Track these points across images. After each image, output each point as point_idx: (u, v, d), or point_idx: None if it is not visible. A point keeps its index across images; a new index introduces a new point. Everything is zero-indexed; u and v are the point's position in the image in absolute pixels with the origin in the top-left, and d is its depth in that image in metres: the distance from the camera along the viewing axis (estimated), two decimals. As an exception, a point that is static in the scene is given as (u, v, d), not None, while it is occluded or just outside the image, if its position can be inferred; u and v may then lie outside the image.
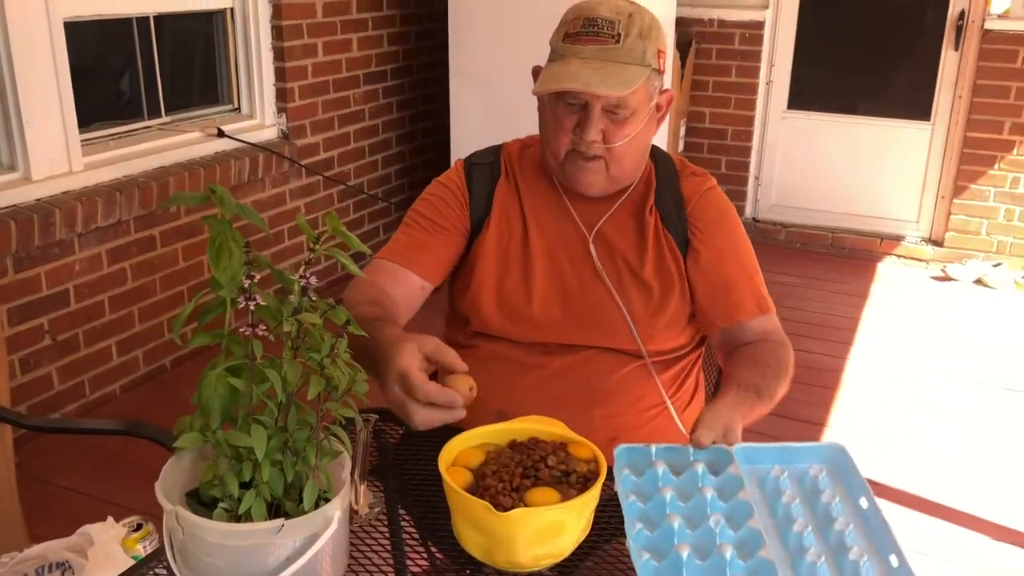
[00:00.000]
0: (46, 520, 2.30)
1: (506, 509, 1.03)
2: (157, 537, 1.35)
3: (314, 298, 0.99)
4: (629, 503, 1.10)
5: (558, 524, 1.05)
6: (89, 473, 2.67)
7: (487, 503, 1.03)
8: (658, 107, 1.48)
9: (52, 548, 1.43)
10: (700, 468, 1.15)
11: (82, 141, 2.95)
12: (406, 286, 1.50)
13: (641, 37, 1.38)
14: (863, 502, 1.13)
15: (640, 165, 1.52)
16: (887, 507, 2.53)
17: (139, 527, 1.39)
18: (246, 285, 0.93)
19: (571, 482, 1.11)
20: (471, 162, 1.60)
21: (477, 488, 1.09)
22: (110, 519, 1.38)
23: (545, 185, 1.55)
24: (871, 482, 1.14)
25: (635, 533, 1.06)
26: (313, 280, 0.98)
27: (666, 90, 1.48)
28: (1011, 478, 2.79)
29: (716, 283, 1.50)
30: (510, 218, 1.54)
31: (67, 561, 1.33)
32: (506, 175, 1.57)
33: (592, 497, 1.08)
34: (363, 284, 1.46)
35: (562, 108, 1.42)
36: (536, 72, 1.46)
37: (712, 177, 1.58)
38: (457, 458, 1.16)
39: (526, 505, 1.06)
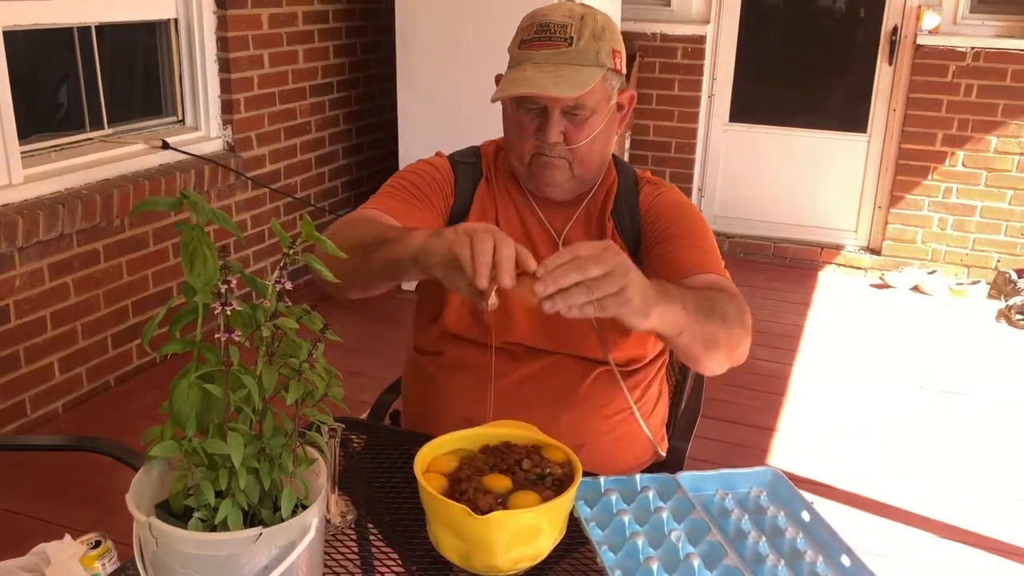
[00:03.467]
0: (-11, 543, 2.23)
1: (484, 513, 1.03)
2: (116, 554, 1.32)
3: (288, 303, 0.99)
4: (591, 528, 1.13)
5: (535, 527, 1.06)
6: (35, 494, 2.58)
7: (466, 507, 1.03)
8: (619, 106, 1.50)
9: (6, 568, 1.38)
10: (651, 493, 1.19)
11: (22, 153, 2.87)
12: None
13: (594, 38, 1.41)
14: (805, 515, 1.18)
15: (604, 164, 1.54)
16: (836, 508, 2.62)
17: (97, 544, 1.35)
18: (222, 290, 0.92)
19: (546, 484, 1.11)
20: (454, 159, 1.60)
21: (453, 493, 1.09)
22: (67, 537, 1.34)
23: (515, 190, 1.56)
24: (820, 484, 1.19)
25: (603, 553, 1.09)
26: (288, 284, 0.97)
27: (627, 89, 1.51)
28: (953, 478, 2.88)
29: (670, 250, 1.45)
30: (485, 215, 1.54)
31: (22, 581, 1.28)
32: (486, 178, 1.57)
33: (569, 499, 1.09)
34: (362, 221, 1.41)
35: (523, 113, 1.45)
36: (498, 79, 1.48)
37: (670, 185, 1.59)
38: (430, 465, 1.16)
39: (505, 508, 1.06)
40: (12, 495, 2.57)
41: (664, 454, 1.63)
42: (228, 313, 0.93)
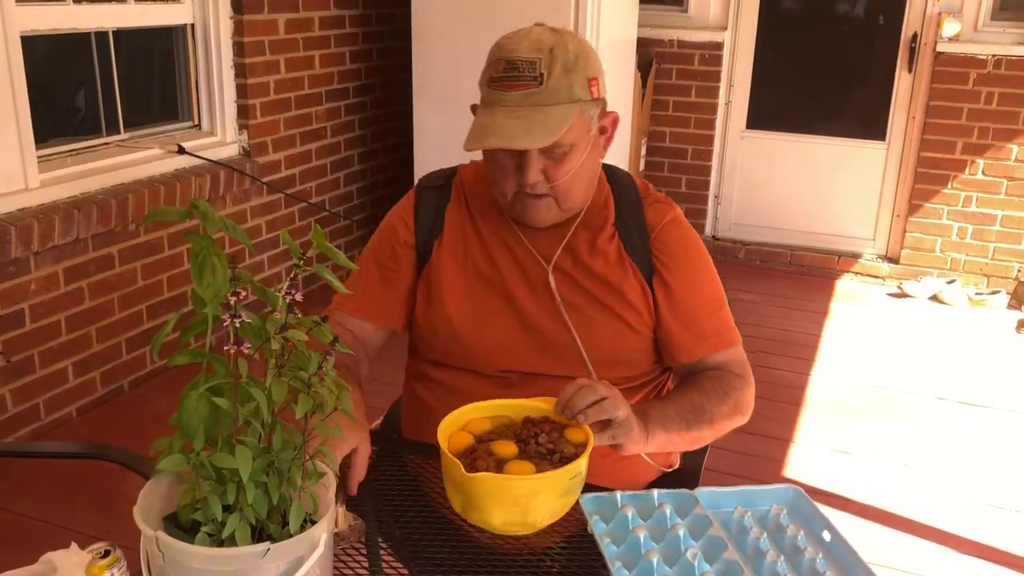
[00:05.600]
0: (3, 549, 2.23)
1: (474, 472, 1.10)
2: (126, 564, 1.31)
3: (299, 315, 0.97)
4: (605, 544, 1.12)
5: (526, 496, 1.11)
6: (47, 499, 2.58)
7: (460, 463, 1.10)
8: (602, 130, 1.44)
9: (14, 577, 1.38)
10: (668, 509, 1.17)
11: (39, 157, 2.88)
12: (370, 338, 1.53)
13: (566, 72, 1.33)
14: (826, 535, 1.16)
15: (590, 191, 1.49)
16: (851, 520, 2.58)
17: (107, 554, 1.33)
18: (231, 302, 0.91)
19: (554, 460, 1.15)
20: (422, 185, 1.58)
21: (470, 451, 1.17)
22: (74, 545, 1.32)
23: (498, 217, 1.51)
24: (835, 496, 1.18)
25: (616, 570, 1.08)
26: (299, 296, 0.96)
27: (610, 112, 1.44)
28: (972, 491, 2.84)
29: (680, 316, 1.47)
30: (466, 243, 1.51)
31: (30, 591, 1.27)
32: (457, 199, 1.54)
33: (562, 476, 1.12)
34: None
35: (500, 151, 1.39)
36: (474, 110, 1.43)
37: (676, 205, 1.54)
38: (468, 424, 1.24)
39: (498, 472, 1.12)
40: (24, 500, 2.58)
41: (677, 464, 1.61)
42: (237, 325, 0.92)
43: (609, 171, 1.55)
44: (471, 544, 1.19)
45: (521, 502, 1.11)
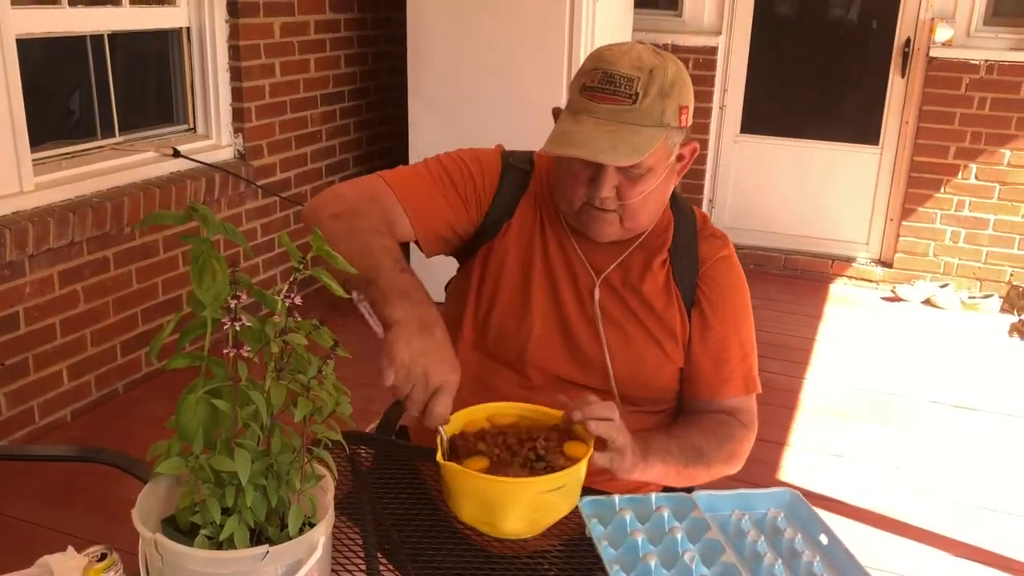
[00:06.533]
0: (-3, 551, 2.22)
1: (447, 459, 1.14)
2: (122, 567, 1.31)
3: (298, 318, 0.98)
4: (603, 547, 1.12)
5: (492, 497, 1.13)
6: (41, 502, 2.58)
7: (438, 450, 1.16)
8: (679, 158, 1.43)
9: (10, 581, 1.37)
10: (666, 513, 1.18)
11: (34, 160, 2.87)
12: (400, 232, 1.44)
13: (661, 96, 1.31)
14: (823, 539, 1.17)
15: (656, 216, 1.48)
16: (845, 524, 2.59)
17: (103, 557, 1.33)
18: (232, 305, 0.91)
19: (536, 468, 1.16)
20: (508, 161, 1.53)
21: (461, 439, 1.22)
22: (70, 548, 1.32)
23: (558, 222, 1.50)
24: (829, 499, 1.18)
25: (614, 574, 1.08)
26: (298, 300, 0.96)
27: (690, 142, 1.43)
28: (965, 494, 2.85)
29: (711, 353, 1.47)
30: (531, 235, 1.49)
31: (26, 594, 1.27)
32: (531, 193, 1.52)
33: (531, 487, 1.12)
34: (373, 205, 1.41)
35: (576, 162, 1.37)
36: (556, 113, 1.41)
37: (730, 243, 1.54)
38: (491, 416, 1.28)
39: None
40: (19, 502, 2.57)
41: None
42: (237, 328, 0.92)
43: (674, 199, 1.54)
44: (468, 548, 1.19)
45: (487, 501, 1.13)
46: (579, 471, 1.16)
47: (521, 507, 1.13)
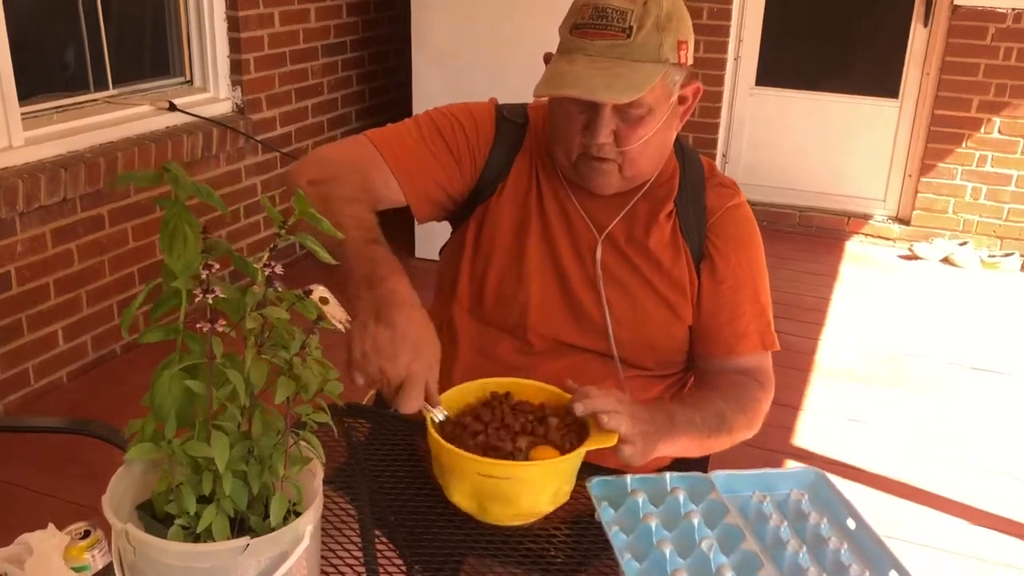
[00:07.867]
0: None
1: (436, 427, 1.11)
2: (107, 545, 1.24)
3: (279, 288, 0.88)
4: (614, 533, 1.04)
5: (443, 462, 1.09)
6: (36, 468, 2.52)
7: (426, 415, 1.12)
8: (682, 99, 1.33)
9: (-9, 559, 1.31)
10: (681, 496, 1.09)
11: (23, 114, 2.77)
12: (389, 197, 1.36)
13: (657, 29, 1.22)
14: (850, 523, 1.08)
15: (659, 163, 1.38)
16: (862, 491, 2.52)
17: (87, 534, 1.27)
18: (203, 276, 0.82)
19: (512, 451, 1.11)
20: (502, 114, 1.44)
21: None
22: (51, 526, 1.25)
23: (555, 176, 1.41)
24: (845, 465, 1.10)
25: (626, 563, 1.00)
26: (279, 269, 0.87)
27: (693, 82, 1.33)
28: (985, 459, 2.77)
29: (724, 307, 1.38)
30: (527, 194, 1.41)
31: (4, 574, 1.21)
32: (527, 148, 1.43)
33: (473, 465, 1.06)
34: (353, 171, 1.32)
35: (571, 104, 1.28)
36: (547, 59, 1.32)
37: (741, 192, 1.44)
38: (510, 386, 1.23)
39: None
40: (15, 468, 2.51)
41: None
42: (210, 301, 0.83)
43: (679, 145, 1.44)
44: (470, 530, 1.11)
45: (438, 463, 1.11)
46: (529, 469, 1.08)
47: (468, 484, 1.08)
